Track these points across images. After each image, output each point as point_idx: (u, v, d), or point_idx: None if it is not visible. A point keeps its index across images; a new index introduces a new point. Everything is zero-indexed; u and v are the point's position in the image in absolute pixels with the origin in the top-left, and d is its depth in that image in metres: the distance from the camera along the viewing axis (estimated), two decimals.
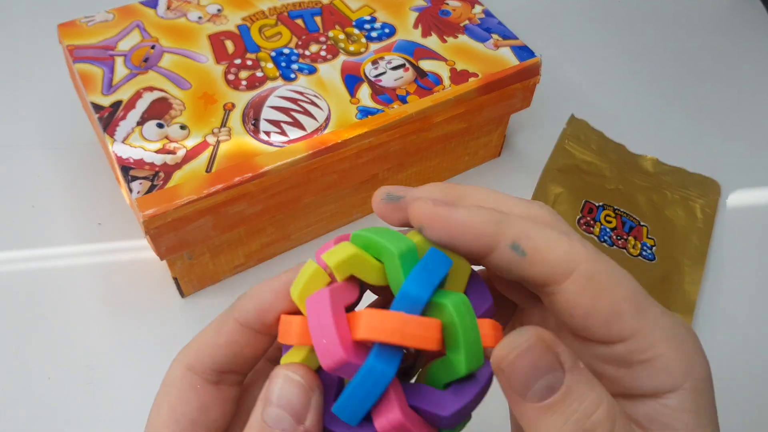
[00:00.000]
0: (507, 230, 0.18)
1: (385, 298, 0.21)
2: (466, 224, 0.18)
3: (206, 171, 0.36)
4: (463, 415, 0.18)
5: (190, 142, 0.37)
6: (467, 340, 0.17)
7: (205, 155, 0.36)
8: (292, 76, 0.41)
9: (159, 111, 0.38)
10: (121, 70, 0.41)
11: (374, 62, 0.42)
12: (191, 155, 0.36)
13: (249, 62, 0.42)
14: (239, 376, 0.21)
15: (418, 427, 0.17)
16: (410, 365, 0.20)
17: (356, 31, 0.44)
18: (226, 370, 0.21)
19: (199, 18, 0.44)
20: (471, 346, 0.17)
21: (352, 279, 0.18)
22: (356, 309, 0.19)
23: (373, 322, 0.16)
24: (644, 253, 0.44)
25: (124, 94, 0.39)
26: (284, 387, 0.17)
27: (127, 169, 0.35)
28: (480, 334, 0.17)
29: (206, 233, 0.37)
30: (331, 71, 0.41)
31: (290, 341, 0.18)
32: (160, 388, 0.21)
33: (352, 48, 0.43)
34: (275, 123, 0.38)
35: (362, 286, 0.19)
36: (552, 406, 0.16)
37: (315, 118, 0.39)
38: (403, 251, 0.18)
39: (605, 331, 0.18)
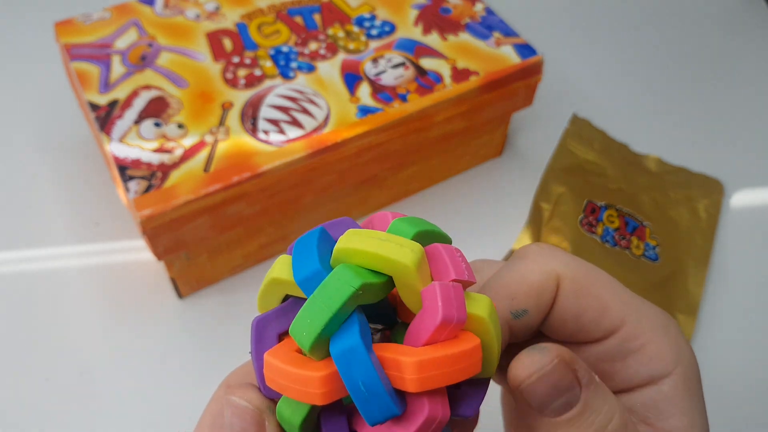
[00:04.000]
0: (501, 313, 0.19)
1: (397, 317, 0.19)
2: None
3: (204, 171, 0.35)
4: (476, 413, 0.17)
5: (188, 142, 0.36)
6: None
7: (203, 155, 0.36)
8: (291, 74, 0.41)
9: (156, 110, 0.38)
10: (118, 68, 0.40)
11: (374, 60, 0.42)
12: (189, 155, 0.36)
13: (247, 60, 0.41)
14: None
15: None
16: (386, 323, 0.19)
17: (356, 28, 0.44)
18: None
19: (197, 16, 0.44)
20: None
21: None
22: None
23: (423, 372, 0.15)
24: (648, 253, 0.43)
25: (121, 93, 0.39)
26: (235, 414, 0.17)
27: (124, 168, 0.35)
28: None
29: (204, 234, 0.36)
30: (330, 69, 0.41)
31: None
32: (208, 404, 0.20)
33: (351, 46, 0.43)
34: (274, 122, 0.38)
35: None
36: (569, 421, 0.16)
37: (314, 117, 0.38)
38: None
39: (596, 327, 0.19)
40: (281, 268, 0.17)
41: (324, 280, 0.16)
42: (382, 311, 0.18)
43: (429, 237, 0.17)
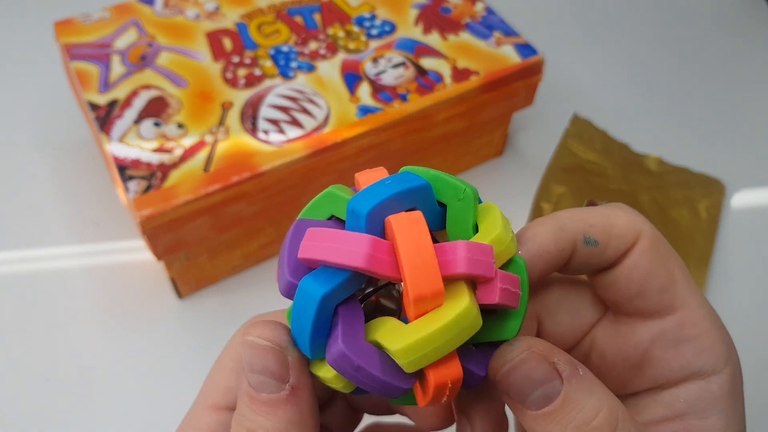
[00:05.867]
0: (572, 231, 0.19)
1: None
2: (542, 247, 0.18)
3: (204, 170, 0.35)
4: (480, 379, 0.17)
5: (188, 141, 0.36)
6: (524, 302, 0.17)
7: (203, 154, 0.36)
8: (291, 74, 0.41)
9: (156, 109, 0.38)
10: (117, 68, 0.40)
11: (374, 60, 0.42)
12: (188, 154, 0.36)
13: (247, 60, 0.41)
14: None
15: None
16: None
17: (356, 28, 0.44)
18: None
19: (197, 15, 0.44)
20: (525, 309, 0.17)
21: None
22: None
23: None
24: None
25: (120, 93, 0.39)
26: (255, 354, 0.16)
27: (124, 168, 0.35)
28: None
29: (204, 234, 0.36)
30: (330, 69, 0.41)
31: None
32: (226, 347, 0.20)
33: (351, 46, 0.43)
34: (274, 122, 0.38)
35: None
36: (549, 415, 0.16)
37: (314, 117, 0.38)
38: (476, 192, 0.17)
39: (658, 297, 0.19)
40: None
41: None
42: None
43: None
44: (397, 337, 0.15)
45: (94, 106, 0.38)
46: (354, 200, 0.16)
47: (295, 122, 0.38)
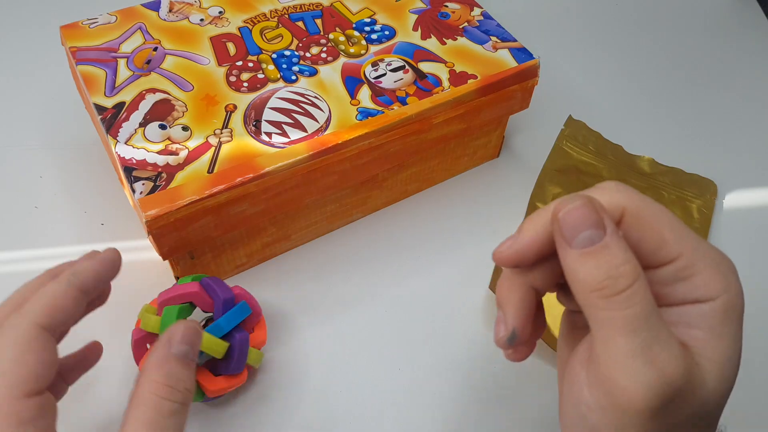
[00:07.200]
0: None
1: None
2: (535, 235, 0.23)
3: (208, 172, 0.36)
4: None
5: (192, 143, 0.37)
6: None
7: (207, 156, 0.37)
8: (293, 77, 0.42)
9: (161, 112, 0.39)
10: (123, 71, 0.41)
11: (374, 64, 0.43)
12: (193, 156, 0.37)
13: (250, 64, 0.42)
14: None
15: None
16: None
17: (356, 33, 0.45)
18: (63, 328, 0.26)
19: (201, 20, 0.45)
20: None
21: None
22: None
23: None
24: None
25: (126, 96, 0.40)
26: (188, 331, 0.26)
27: (130, 169, 0.36)
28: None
29: (208, 233, 0.37)
30: (331, 73, 0.42)
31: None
32: (11, 346, 0.24)
33: (352, 50, 0.44)
34: (276, 124, 0.39)
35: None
36: (590, 253, 0.20)
37: (316, 120, 0.39)
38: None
39: (652, 257, 0.22)
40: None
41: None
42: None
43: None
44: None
45: (100, 109, 0.39)
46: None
47: (297, 124, 0.39)
